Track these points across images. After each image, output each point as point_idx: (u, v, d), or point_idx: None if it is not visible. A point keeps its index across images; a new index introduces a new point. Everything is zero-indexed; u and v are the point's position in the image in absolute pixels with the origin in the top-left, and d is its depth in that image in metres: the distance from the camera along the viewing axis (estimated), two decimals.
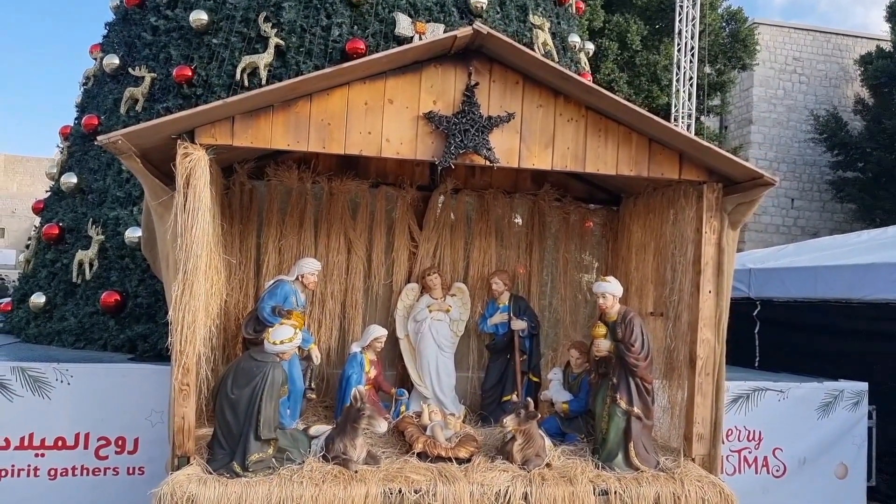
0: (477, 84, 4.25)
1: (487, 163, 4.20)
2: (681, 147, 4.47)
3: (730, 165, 4.43)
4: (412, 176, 5.82)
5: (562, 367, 5.24)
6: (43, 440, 5.13)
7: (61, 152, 7.86)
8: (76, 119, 7.95)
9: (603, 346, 4.57)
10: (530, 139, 4.32)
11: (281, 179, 5.51)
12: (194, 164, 3.88)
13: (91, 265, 6.73)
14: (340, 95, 4.12)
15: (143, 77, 7.05)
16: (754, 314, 9.11)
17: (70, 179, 7.27)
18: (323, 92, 4.09)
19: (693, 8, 21.41)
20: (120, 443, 5.26)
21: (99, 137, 3.83)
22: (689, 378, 4.68)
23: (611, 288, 4.63)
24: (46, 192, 7.91)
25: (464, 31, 4.04)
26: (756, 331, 9.08)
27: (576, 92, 4.35)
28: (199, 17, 6.87)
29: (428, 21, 6.94)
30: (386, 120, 4.18)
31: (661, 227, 5.23)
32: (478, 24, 4.02)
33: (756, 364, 8.81)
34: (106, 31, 8.13)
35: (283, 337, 4.14)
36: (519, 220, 6.16)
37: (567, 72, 4.24)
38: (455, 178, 5.81)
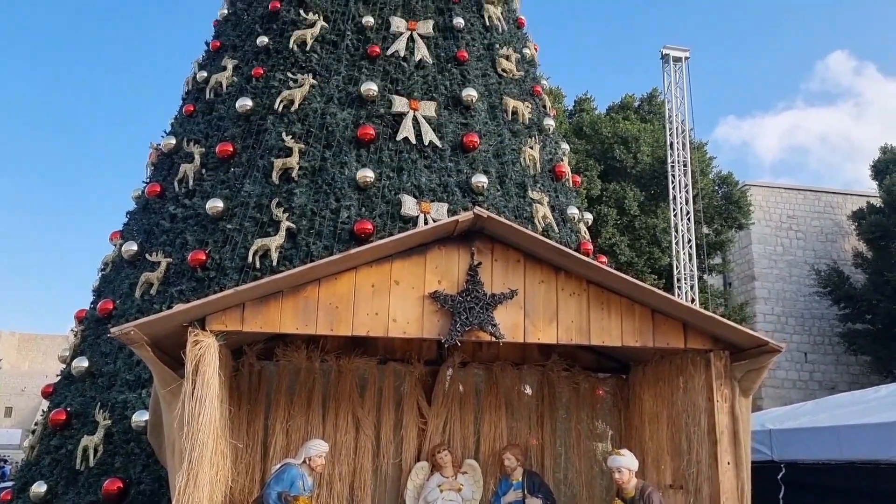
0: (480, 264, 4.41)
1: (493, 339, 4.27)
2: (683, 317, 4.54)
3: (734, 333, 4.47)
4: (420, 351, 5.87)
5: None
6: None
7: (75, 336, 7.98)
8: (92, 303, 8.15)
9: None
10: (534, 314, 4.41)
11: (290, 359, 5.57)
12: (204, 350, 3.96)
13: (96, 451, 6.61)
14: (348, 279, 4.28)
15: (159, 262, 7.31)
16: (779, 478, 8.71)
17: (81, 364, 7.32)
18: (331, 276, 4.25)
19: (685, 176, 22.39)
20: None
21: (112, 329, 3.94)
22: None
23: (626, 462, 4.52)
24: (57, 375, 7.95)
25: (465, 216, 4.25)
26: (781, 496, 8.64)
27: (576, 267, 4.49)
28: (215, 204, 7.26)
29: (432, 201, 7.29)
30: (393, 300, 4.30)
31: (671, 395, 5.19)
32: (478, 209, 4.24)
33: None
34: (127, 219, 8.56)
35: None
36: (529, 391, 6.12)
37: (566, 249, 4.42)
38: (462, 351, 5.84)
